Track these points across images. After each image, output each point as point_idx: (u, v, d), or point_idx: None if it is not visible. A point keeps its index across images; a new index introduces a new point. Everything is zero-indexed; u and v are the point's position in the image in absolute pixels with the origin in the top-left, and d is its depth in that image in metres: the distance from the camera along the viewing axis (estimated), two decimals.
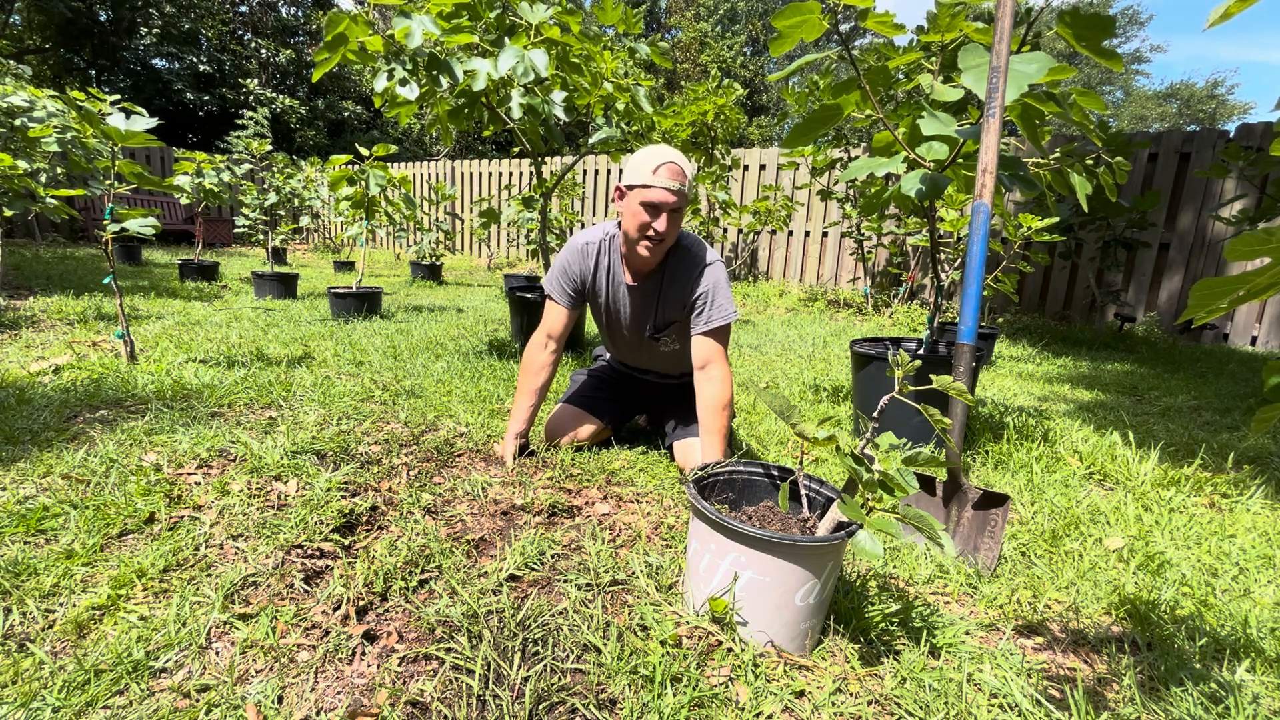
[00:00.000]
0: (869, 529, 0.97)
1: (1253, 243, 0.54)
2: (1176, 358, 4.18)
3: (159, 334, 3.22)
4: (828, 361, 3.58)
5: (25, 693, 0.88)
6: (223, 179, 4.99)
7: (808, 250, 6.73)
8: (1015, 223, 2.78)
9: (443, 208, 9.54)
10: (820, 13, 1.43)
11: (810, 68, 12.25)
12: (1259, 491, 1.81)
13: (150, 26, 14.47)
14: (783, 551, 0.99)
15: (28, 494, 1.41)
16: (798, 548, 0.99)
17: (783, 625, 1.03)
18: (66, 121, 3.33)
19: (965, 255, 1.40)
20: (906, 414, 2.05)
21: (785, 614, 1.02)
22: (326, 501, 1.46)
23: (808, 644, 1.05)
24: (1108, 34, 1.41)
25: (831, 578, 1.05)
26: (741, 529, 1.00)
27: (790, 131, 1.70)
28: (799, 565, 0.99)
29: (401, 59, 2.44)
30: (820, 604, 1.04)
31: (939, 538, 0.92)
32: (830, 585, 1.05)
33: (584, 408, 1.98)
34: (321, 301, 4.91)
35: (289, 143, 16.06)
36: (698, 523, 1.10)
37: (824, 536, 1.01)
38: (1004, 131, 1.94)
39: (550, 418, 1.96)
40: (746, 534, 1.00)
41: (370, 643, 1.04)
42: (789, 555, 0.99)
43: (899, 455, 1.00)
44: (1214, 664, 1.07)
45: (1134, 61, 30.10)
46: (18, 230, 8.02)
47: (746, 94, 19.59)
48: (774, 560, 1.00)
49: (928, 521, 0.96)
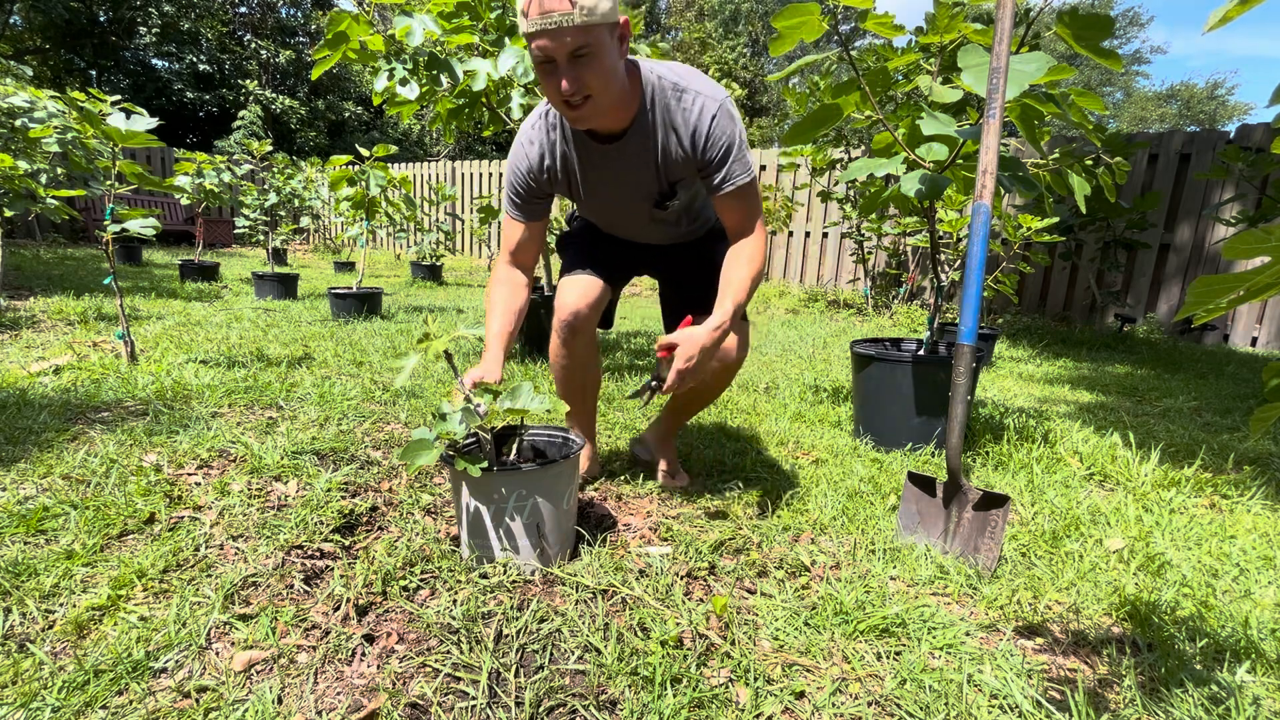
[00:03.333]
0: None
1: (1252, 241, 0.54)
2: (1177, 359, 4.18)
3: (159, 334, 3.22)
4: (828, 362, 3.58)
5: (25, 693, 0.88)
6: (223, 179, 4.99)
7: (808, 251, 6.73)
8: (1015, 224, 2.79)
9: (443, 208, 9.55)
10: (820, 14, 1.43)
11: (810, 69, 12.24)
12: (1259, 492, 1.81)
13: (150, 26, 14.48)
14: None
15: (28, 494, 1.41)
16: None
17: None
18: (67, 122, 3.33)
19: (965, 256, 1.40)
20: (907, 415, 2.05)
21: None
22: (326, 502, 1.46)
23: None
24: (1107, 34, 1.41)
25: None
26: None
27: (789, 130, 1.70)
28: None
29: (402, 58, 2.44)
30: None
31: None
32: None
33: (594, 270, 1.52)
34: (322, 302, 4.91)
35: (289, 143, 16.07)
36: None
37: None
38: (1004, 132, 1.95)
39: (561, 286, 1.52)
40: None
41: (370, 643, 1.04)
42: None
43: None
44: (1215, 665, 1.07)
45: (1134, 62, 30.12)
46: (18, 230, 8.02)
47: (747, 95, 19.60)
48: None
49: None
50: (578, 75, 1.15)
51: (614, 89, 1.21)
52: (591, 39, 1.12)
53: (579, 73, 1.15)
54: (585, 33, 1.11)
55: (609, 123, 1.30)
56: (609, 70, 1.17)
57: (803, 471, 1.85)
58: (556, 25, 1.10)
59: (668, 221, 1.51)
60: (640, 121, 1.31)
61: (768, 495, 1.68)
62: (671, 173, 1.37)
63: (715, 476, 1.81)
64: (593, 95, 1.18)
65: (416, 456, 1.13)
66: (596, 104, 1.20)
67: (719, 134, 1.29)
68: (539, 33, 1.12)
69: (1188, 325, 4.96)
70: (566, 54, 1.13)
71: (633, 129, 1.32)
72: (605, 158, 1.36)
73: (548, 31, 1.11)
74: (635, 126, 1.31)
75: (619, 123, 1.31)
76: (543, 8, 1.10)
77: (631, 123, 1.31)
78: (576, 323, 1.48)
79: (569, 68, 1.14)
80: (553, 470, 1.24)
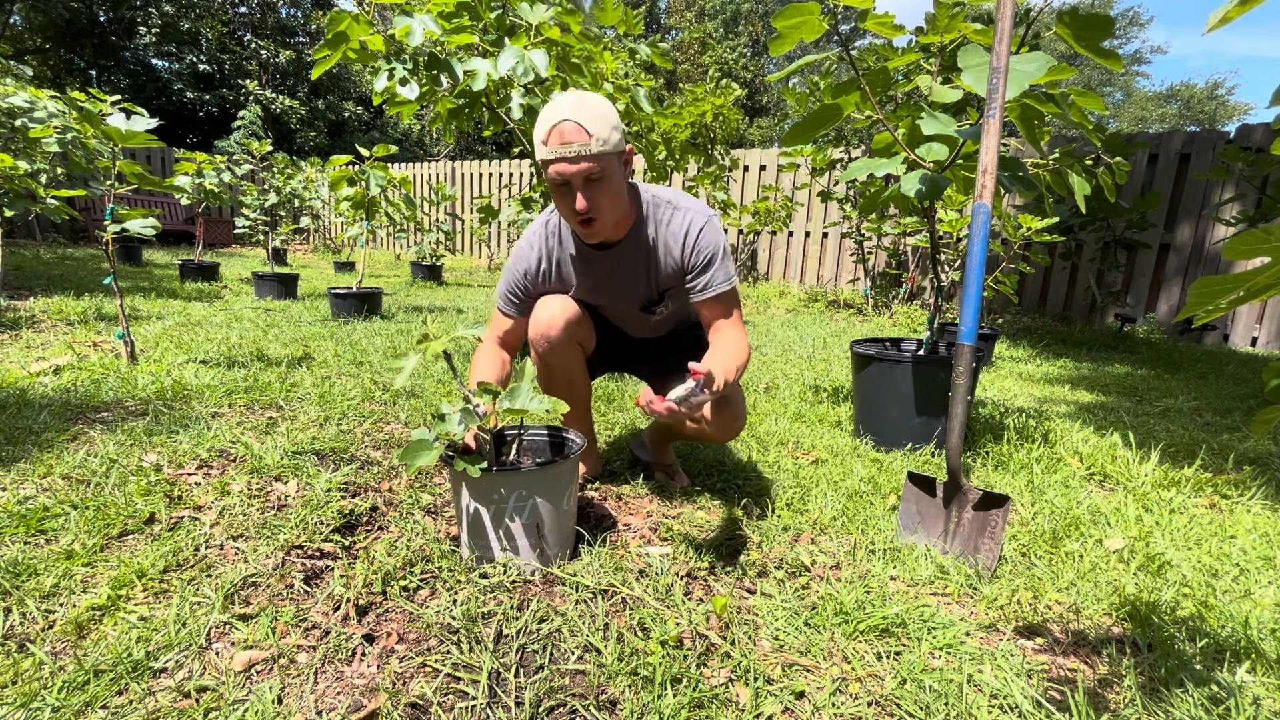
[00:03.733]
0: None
1: (1252, 241, 0.54)
2: (1177, 359, 4.18)
3: (159, 334, 3.22)
4: (828, 362, 3.58)
5: (25, 693, 0.88)
6: (223, 179, 4.99)
7: (808, 251, 6.74)
8: (1015, 224, 2.79)
9: (443, 208, 9.55)
10: (820, 13, 1.43)
11: (810, 68, 12.25)
12: (1259, 492, 1.81)
13: (150, 26, 14.48)
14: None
15: (28, 494, 1.41)
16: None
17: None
18: (67, 122, 3.33)
19: (965, 256, 1.40)
20: (907, 415, 2.05)
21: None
22: (326, 502, 1.46)
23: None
24: (1106, 34, 1.41)
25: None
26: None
27: (789, 130, 1.70)
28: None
29: (402, 58, 2.44)
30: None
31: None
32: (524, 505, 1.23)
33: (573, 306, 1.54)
34: (322, 302, 4.91)
35: (289, 143, 16.07)
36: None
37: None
38: (1004, 132, 1.94)
39: (538, 306, 1.52)
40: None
41: (370, 643, 1.04)
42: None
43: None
44: (1215, 665, 1.07)
45: (1134, 63, 30.12)
46: (18, 230, 8.02)
47: (747, 95, 19.59)
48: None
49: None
50: (591, 196, 1.29)
51: (620, 206, 1.37)
52: (603, 165, 1.28)
53: (591, 193, 1.29)
54: (598, 160, 1.27)
55: (610, 234, 1.43)
56: (617, 191, 1.33)
57: (803, 471, 1.85)
58: (575, 154, 1.25)
59: (657, 320, 1.62)
60: (636, 232, 1.46)
61: (768, 495, 1.68)
62: (661, 281, 1.50)
63: (715, 476, 1.81)
64: (597, 216, 1.33)
65: (416, 457, 1.12)
66: (605, 220, 1.35)
67: (705, 243, 1.42)
68: (558, 159, 1.27)
69: (1188, 325, 4.96)
70: (581, 179, 1.28)
71: (628, 238, 1.46)
72: (601, 262, 1.49)
73: (566, 159, 1.26)
74: (630, 236, 1.46)
75: (618, 234, 1.45)
76: (562, 139, 1.25)
77: (628, 233, 1.45)
78: (552, 335, 1.49)
79: (583, 189, 1.29)
80: (552, 471, 1.24)
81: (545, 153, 1.28)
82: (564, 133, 1.25)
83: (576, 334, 1.52)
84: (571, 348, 1.52)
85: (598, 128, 1.26)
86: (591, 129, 1.25)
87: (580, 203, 1.29)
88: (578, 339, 1.53)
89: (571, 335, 1.50)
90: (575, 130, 1.25)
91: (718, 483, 1.76)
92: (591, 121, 1.25)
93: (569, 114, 1.25)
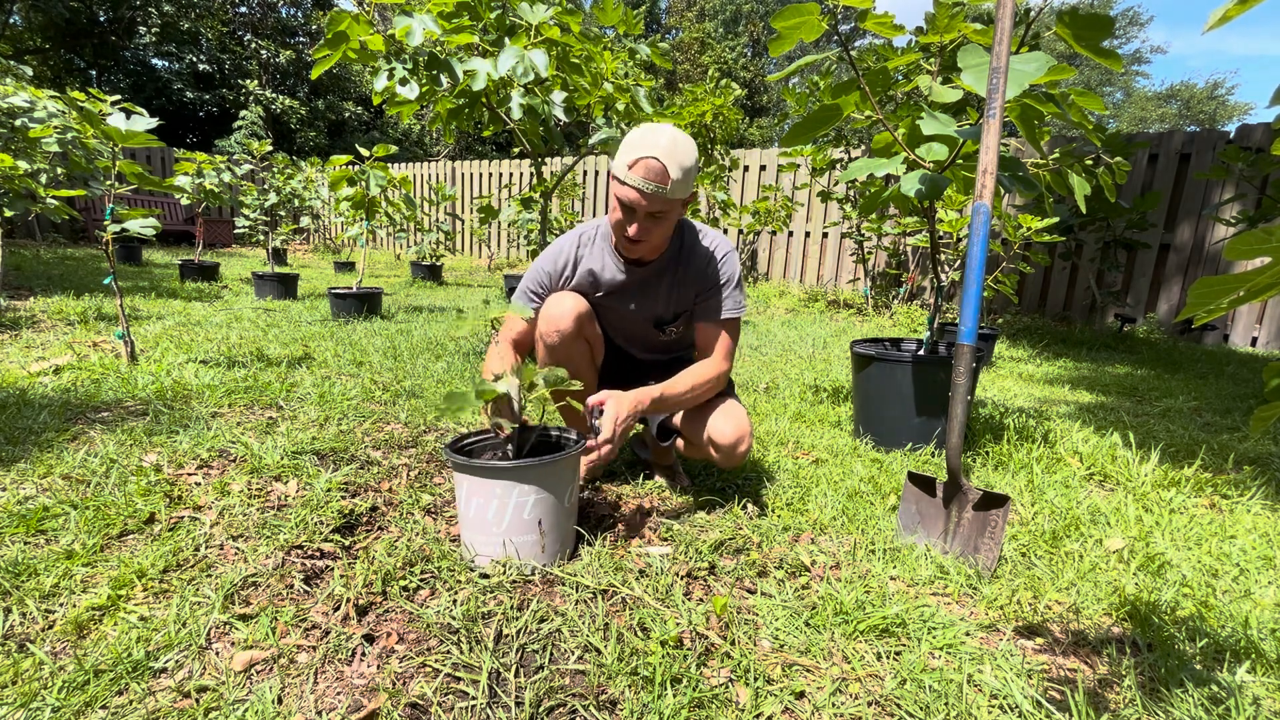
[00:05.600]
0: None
1: (1252, 242, 0.54)
2: (1177, 359, 4.18)
3: (159, 334, 3.22)
4: (828, 362, 3.58)
5: (25, 693, 0.88)
6: (223, 179, 4.99)
7: (808, 251, 6.74)
8: (1015, 224, 2.79)
9: (443, 208, 9.55)
10: (819, 14, 1.43)
11: (810, 69, 12.26)
12: (1259, 493, 1.81)
13: (150, 26, 14.48)
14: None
15: (28, 494, 1.41)
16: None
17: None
18: (67, 122, 3.33)
19: (965, 256, 1.40)
20: (907, 415, 2.05)
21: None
22: (326, 502, 1.46)
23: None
24: (1106, 34, 1.41)
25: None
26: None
27: (789, 130, 1.70)
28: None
29: (402, 58, 2.44)
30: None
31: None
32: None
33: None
34: (322, 302, 4.91)
35: (289, 143, 16.07)
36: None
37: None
38: (1004, 132, 1.94)
39: (547, 303, 1.55)
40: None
41: (370, 643, 1.04)
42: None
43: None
44: (1215, 665, 1.07)
45: (1134, 62, 30.12)
46: (18, 230, 8.02)
47: (747, 95, 19.57)
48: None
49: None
50: (648, 227, 1.39)
51: (668, 238, 1.49)
52: (669, 207, 1.37)
53: (649, 225, 1.39)
54: (668, 203, 1.36)
55: (648, 255, 1.52)
56: (670, 227, 1.44)
57: (803, 471, 1.85)
58: (652, 193, 1.33)
59: (666, 339, 1.68)
60: (669, 254, 1.54)
61: (768, 495, 1.68)
62: (679, 301, 1.57)
63: (715, 476, 1.81)
64: (640, 243, 1.43)
65: (459, 407, 1.20)
66: (650, 246, 1.46)
67: (725, 266, 1.53)
68: (634, 188, 1.33)
69: (1188, 325, 4.96)
70: (647, 211, 1.36)
71: (660, 260, 1.54)
72: (631, 274, 1.56)
73: (642, 193, 1.33)
74: (663, 256, 1.54)
75: (653, 254, 1.53)
76: (647, 174, 1.32)
77: (662, 256, 1.54)
78: (563, 327, 1.51)
79: (643, 220, 1.38)
80: (554, 465, 1.24)
81: (625, 175, 1.34)
82: (650, 169, 1.31)
83: (586, 330, 1.55)
84: (580, 343, 1.54)
85: (677, 173, 1.33)
86: (674, 175, 1.32)
87: (634, 230, 1.38)
88: (586, 336, 1.56)
89: (581, 330, 1.53)
90: (661, 173, 1.32)
91: (718, 483, 1.76)
92: (677, 170, 1.33)
93: (662, 155, 1.31)
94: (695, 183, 1.47)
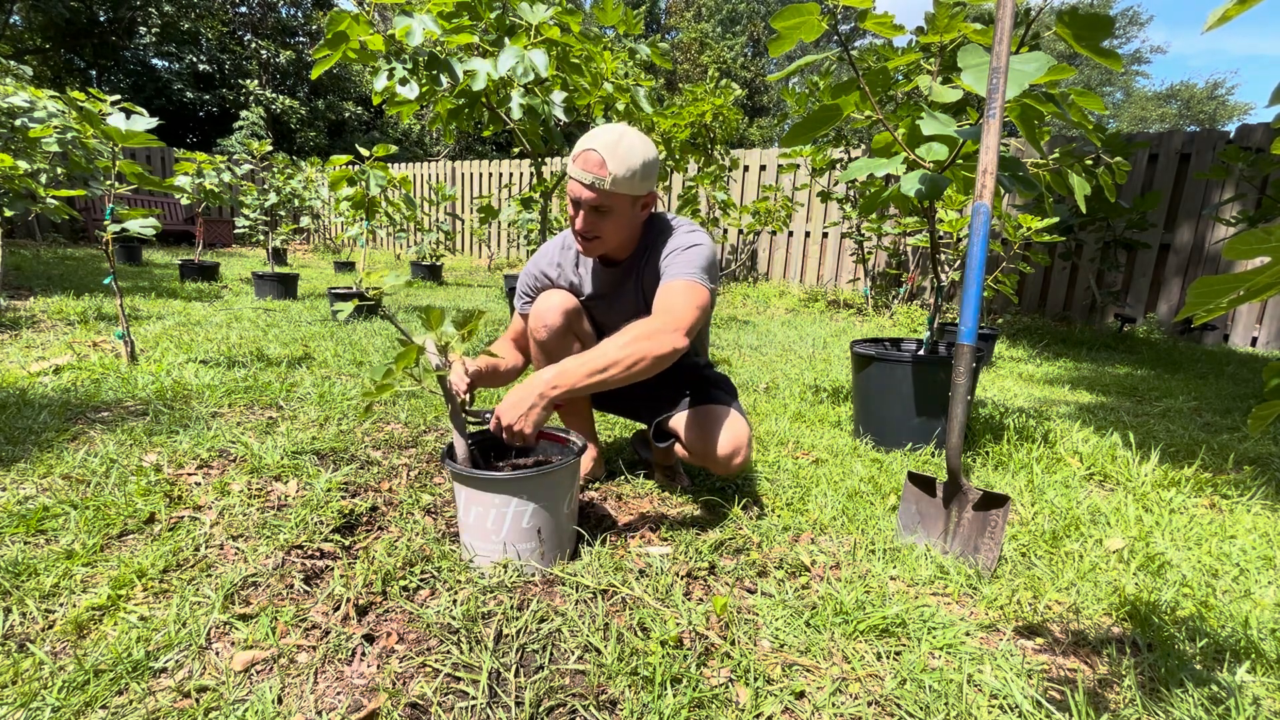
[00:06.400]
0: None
1: (1252, 241, 0.54)
2: (1177, 359, 4.18)
3: (159, 334, 3.22)
4: (828, 362, 3.58)
5: (25, 693, 0.88)
6: (223, 179, 4.99)
7: (808, 251, 6.74)
8: (1015, 224, 2.78)
9: (443, 208, 9.55)
10: (819, 14, 1.43)
11: (810, 69, 12.25)
12: (1259, 492, 1.81)
13: (150, 26, 14.48)
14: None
15: (28, 494, 1.41)
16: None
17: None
18: (67, 122, 3.33)
19: (965, 256, 1.40)
20: (907, 415, 2.05)
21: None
22: (326, 502, 1.46)
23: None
24: (1106, 34, 1.41)
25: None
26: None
27: (789, 130, 1.70)
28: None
29: (402, 58, 2.44)
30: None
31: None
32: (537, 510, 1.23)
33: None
34: (322, 302, 4.91)
35: (289, 143, 16.07)
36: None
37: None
38: (1004, 132, 1.94)
39: (538, 300, 1.55)
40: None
41: (370, 643, 1.04)
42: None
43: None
44: (1215, 665, 1.07)
45: (1134, 62, 30.12)
46: (18, 230, 8.02)
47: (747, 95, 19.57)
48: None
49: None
50: (594, 221, 1.38)
51: (620, 236, 1.44)
52: (613, 202, 1.36)
53: (593, 220, 1.38)
54: (608, 196, 1.35)
55: (614, 255, 1.52)
56: (619, 224, 1.41)
57: (803, 471, 1.85)
58: (588, 183, 1.33)
59: None
60: (639, 252, 1.52)
61: (768, 495, 1.68)
62: (648, 297, 1.51)
63: (715, 477, 1.81)
64: (601, 238, 1.41)
65: (384, 384, 1.21)
66: (604, 244, 1.43)
67: (689, 240, 1.44)
68: (576, 180, 1.35)
69: (1188, 325, 4.96)
70: (588, 205, 1.36)
71: (630, 258, 1.53)
72: (607, 274, 1.57)
73: (581, 183, 1.34)
74: (633, 255, 1.53)
75: (621, 254, 1.52)
76: (584, 164, 1.33)
77: (632, 253, 1.53)
78: (550, 322, 1.51)
79: (586, 213, 1.38)
80: (553, 476, 1.23)
81: (569, 167, 1.37)
82: (588, 160, 1.33)
83: (575, 326, 1.55)
84: (568, 338, 1.54)
85: (618, 168, 1.32)
86: (612, 167, 1.32)
87: (580, 223, 1.39)
88: (576, 332, 1.56)
89: (570, 325, 1.53)
90: (598, 164, 1.32)
91: (718, 483, 1.76)
92: (615, 162, 1.32)
93: (600, 148, 1.32)
94: (656, 184, 1.44)
